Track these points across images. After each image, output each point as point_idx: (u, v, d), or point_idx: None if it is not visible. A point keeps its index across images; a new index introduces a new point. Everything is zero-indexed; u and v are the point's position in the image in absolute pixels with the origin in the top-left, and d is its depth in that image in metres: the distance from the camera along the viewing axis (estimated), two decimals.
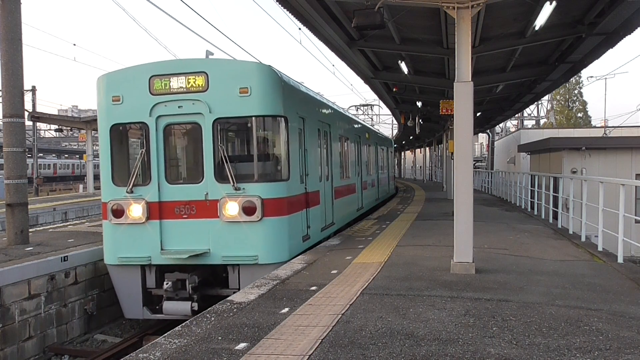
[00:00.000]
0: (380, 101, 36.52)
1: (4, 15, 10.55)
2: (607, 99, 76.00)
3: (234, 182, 8.56)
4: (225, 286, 8.96)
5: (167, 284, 8.68)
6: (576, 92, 65.04)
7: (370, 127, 23.67)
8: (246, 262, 8.66)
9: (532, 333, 4.98)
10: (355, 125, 17.42)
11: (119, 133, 9.28)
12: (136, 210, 8.91)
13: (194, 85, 8.68)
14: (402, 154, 75.77)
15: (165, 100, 8.79)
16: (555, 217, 13.94)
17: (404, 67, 16.72)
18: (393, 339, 4.86)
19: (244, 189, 8.58)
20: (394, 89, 22.16)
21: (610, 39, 13.56)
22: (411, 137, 49.02)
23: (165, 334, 5.27)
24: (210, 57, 10.39)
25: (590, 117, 65.03)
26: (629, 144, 22.20)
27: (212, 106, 8.64)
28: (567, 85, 56.32)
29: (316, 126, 11.29)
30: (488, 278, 7.27)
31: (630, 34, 12.87)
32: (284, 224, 8.88)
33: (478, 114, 28.05)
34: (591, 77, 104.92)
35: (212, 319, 5.70)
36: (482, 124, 33.57)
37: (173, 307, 8.80)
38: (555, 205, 14.05)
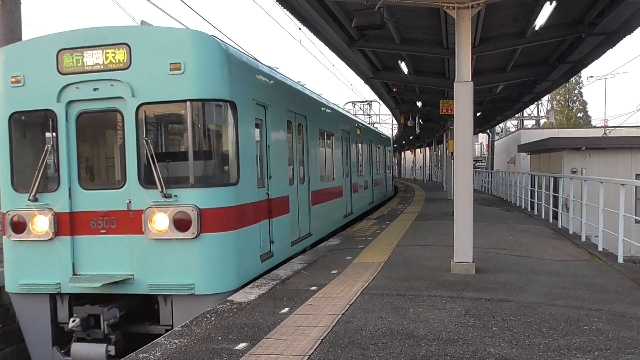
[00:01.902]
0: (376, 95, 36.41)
1: (4, 15, 10.54)
2: (607, 99, 76.05)
3: (162, 188, 6.64)
4: (158, 321, 6.98)
5: (74, 321, 6.76)
6: (576, 92, 65.21)
7: (364, 123, 21.52)
8: (179, 292, 6.72)
9: (532, 333, 4.98)
10: (344, 120, 15.40)
11: (21, 124, 7.36)
12: (41, 224, 7.01)
13: (113, 61, 6.85)
14: (402, 154, 75.85)
15: (78, 81, 6.94)
16: (555, 217, 13.95)
17: (404, 67, 16.73)
18: (393, 339, 4.86)
19: (176, 196, 6.69)
20: (394, 89, 22.18)
21: (610, 39, 13.57)
22: (411, 137, 49.05)
23: (165, 334, 5.28)
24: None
25: (590, 117, 65.24)
26: (629, 144, 22.21)
27: (135, 88, 6.80)
28: (567, 85, 56.41)
29: (285, 117, 9.37)
30: (488, 278, 7.27)
31: (630, 34, 12.91)
32: (229, 242, 6.95)
33: (478, 114, 28.07)
34: (591, 77, 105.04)
35: (212, 319, 5.70)
36: (482, 124, 33.61)
37: (83, 351, 6.89)
38: (555, 205, 14.05)
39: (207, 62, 6.91)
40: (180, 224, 6.67)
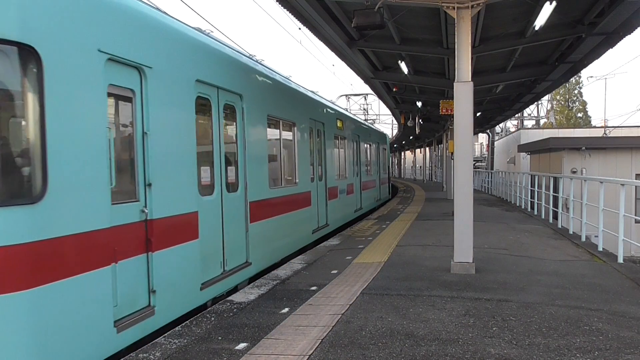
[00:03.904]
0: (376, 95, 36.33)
1: None
2: (607, 99, 76.18)
3: None
4: None
5: None
6: (576, 92, 65.25)
7: (349, 114, 18.02)
8: None
9: (532, 333, 4.98)
10: (314, 106, 11.90)
11: None
12: None
13: None
14: (402, 154, 75.88)
15: None
16: (555, 217, 13.95)
17: (404, 67, 16.73)
18: (393, 339, 4.86)
19: None
20: (394, 89, 22.19)
21: (610, 39, 13.57)
22: (411, 137, 49.06)
23: (165, 334, 5.27)
24: None
25: (590, 117, 65.32)
26: (629, 144, 22.20)
27: None
28: (567, 85, 56.52)
29: (192, 91, 6.03)
30: (488, 278, 7.27)
31: (630, 34, 12.90)
32: (19, 311, 3.75)
33: (478, 114, 28.07)
34: (591, 77, 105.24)
35: (212, 319, 5.70)
36: (482, 124, 33.62)
37: None
38: (555, 205, 14.06)
39: None
40: None
